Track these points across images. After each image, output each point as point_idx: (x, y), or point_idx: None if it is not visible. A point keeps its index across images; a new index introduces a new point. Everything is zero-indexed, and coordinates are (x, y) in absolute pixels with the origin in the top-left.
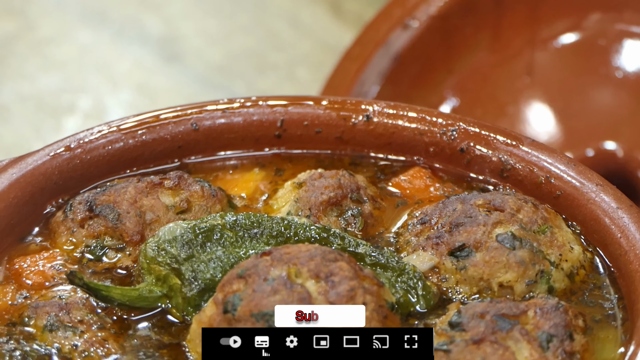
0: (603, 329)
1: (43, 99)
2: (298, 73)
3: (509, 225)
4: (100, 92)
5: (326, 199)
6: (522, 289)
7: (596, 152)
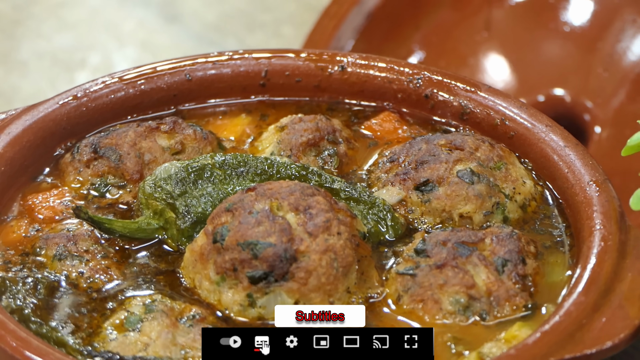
0: (552, 254)
1: (57, 56)
2: (283, 31)
3: (468, 163)
4: (107, 49)
5: (305, 140)
6: (480, 219)
7: (546, 97)
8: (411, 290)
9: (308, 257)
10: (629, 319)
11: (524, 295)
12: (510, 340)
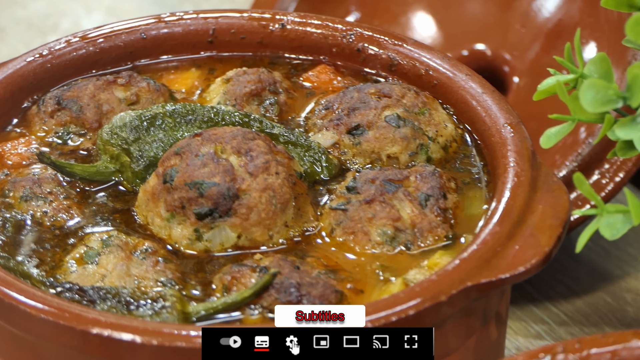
0: (471, 189)
1: (32, 21)
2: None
3: (395, 109)
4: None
5: (248, 91)
6: (406, 159)
7: (470, 52)
8: (343, 224)
9: (249, 195)
10: (539, 247)
11: (445, 227)
12: (432, 267)
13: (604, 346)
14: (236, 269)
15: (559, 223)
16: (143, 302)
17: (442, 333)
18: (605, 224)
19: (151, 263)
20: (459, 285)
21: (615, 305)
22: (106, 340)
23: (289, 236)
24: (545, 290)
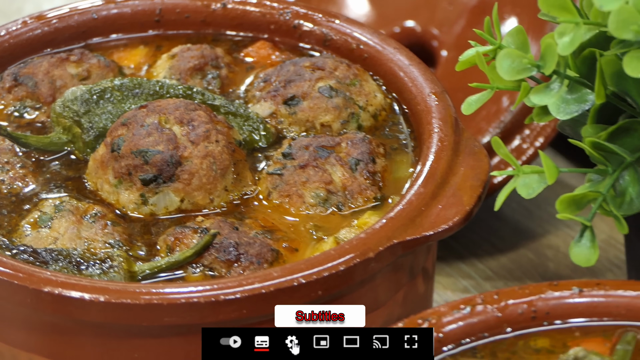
0: (399, 154)
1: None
2: None
3: (328, 80)
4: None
5: (192, 65)
6: (338, 127)
7: (401, 29)
8: (279, 188)
9: (191, 161)
10: (461, 206)
11: (374, 189)
12: (362, 226)
13: (521, 297)
14: (179, 231)
15: (479, 184)
16: (92, 262)
17: (372, 287)
18: (522, 184)
19: (100, 226)
20: (386, 243)
21: (537, 261)
22: (57, 297)
23: (229, 199)
24: (472, 248)
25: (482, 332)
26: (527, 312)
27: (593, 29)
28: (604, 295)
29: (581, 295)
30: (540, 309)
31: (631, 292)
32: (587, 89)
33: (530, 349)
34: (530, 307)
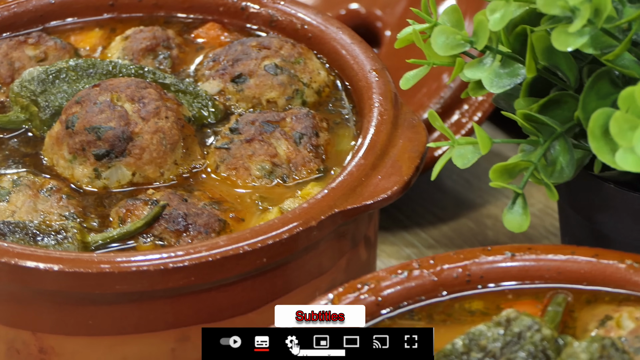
0: (341, 128)
1: None
2: None
3: (274, 59)
4: None
5: (144, 46)
6: (283, 103)
7: (347, 11)
8: (226, 161)
9: (141, 137)
10: (400, 176)
11: (317, 161)
12: (305, 196)
13: (456, 262)
14: (130, 203)
15: (417, 155)
16: (48, 234)
17: (315, 254)
18: (457, 155)
19: (56, 199)
20: (327, 212)
21: (477, 229)
22: (14, 268)
23: (179, 173)
24: (416, 218)
25: (419, 296)
26: (461, 276)
27: (523, 5)
28: (535, 260)
29: (513, 259)
30: (475, 273)
31: (561, 256)
32: (519, 63)
33: (465, 311)
34: (464, 272)
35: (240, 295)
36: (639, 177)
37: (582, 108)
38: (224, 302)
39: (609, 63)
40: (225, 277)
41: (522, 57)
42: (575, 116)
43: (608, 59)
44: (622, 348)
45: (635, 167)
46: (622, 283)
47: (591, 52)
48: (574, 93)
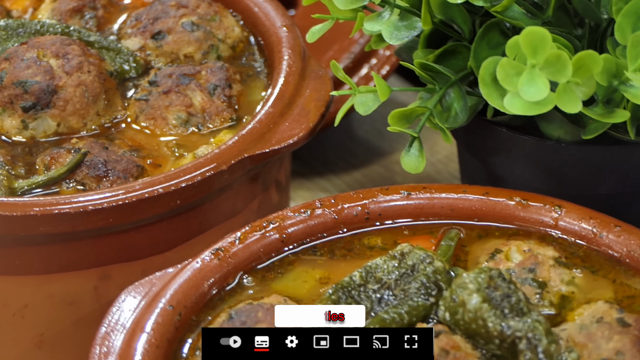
0: (254, 80)
1: None
2: None
3: (191, 17)
4: None
5: (71, 7)
6: (199, 58)
7: None
8: (145, 111)
9: (65, 90)
10: (306, 123)
11: (230, 111)
12: (218, 143)
13: (355, 201)
14: (55, 151)
15: (322, 103)
16: None
17: (228, 197)
18: (359, 102)
19: None
20: (237, 156)
21: (386, 175)
22: None
23: (101, 123)
24: (330, 165)
25: (321, 233)
26: (361, 214)
27: None
28: (429, 198)
29: (409, 198)
30: (373, 211)
31: (453, 195)
32: (416, 17)
33: (364, 246)
34: (363, 210)
35: (158, 235)
36: (530, 121)
37: (474, 57)
38: (143, 242)
39: (499, 15)
40: (142, 218)
41: (419, 10)
42: (468, 65)
43: (497, 11)
44: (509, 279)
45: (522, 111)
46: (510, 219)
47: (482, 5)
48: (467, 44)
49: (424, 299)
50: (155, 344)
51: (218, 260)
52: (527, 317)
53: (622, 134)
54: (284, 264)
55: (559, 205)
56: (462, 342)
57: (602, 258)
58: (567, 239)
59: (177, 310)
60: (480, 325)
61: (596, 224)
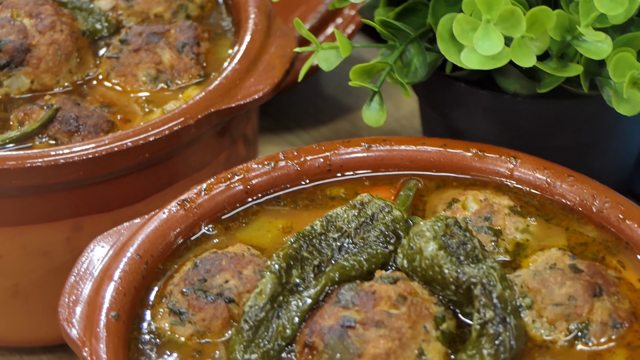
0: (221, 39)
1: None
2: None
3: None
4: None
5: None
6: (169, 17)
7: None
8: (116, 69)
9: (39, 48)
10: (271, 78)
11: (197, 68)
12: (186, 99)
13: (318, 154)
14: (28, 107)
15: (286, 60)
16: None
17: (196, 150)
18: (322, 58)
19: None
20: (204, 111)
21: (352, 130)
22: None
23: (73, 80)
24: (298, 121)
25: (284, 184)
26: (323, 166)
27: None
28: (389, 150)
29: (369, 150)
30: (335, 162)
31: (412, 147)
32: None
33: (326, 196)
34: (325, 161)
35: (128, 187)
36: (487, 76)
37: (432, 14)
38: (113, 194)
39: None
40: (112, 171)
41: None
42: (427, 22)
43: None
44: (465, 227)
45: (478, 65)
46: (467, 169)
47: None
48: (426, 1)
49: (382, 246)
50: (123, 291)
51: (184, 210)
52: (482, 263)
53: (575, 87)
54: (248, 214)
55: (514, 156)
56: (420, 288)
57: (555, 207)
58: (522, 188)
59: (144, 259)
60: (437, 272)
61: (550, 174)
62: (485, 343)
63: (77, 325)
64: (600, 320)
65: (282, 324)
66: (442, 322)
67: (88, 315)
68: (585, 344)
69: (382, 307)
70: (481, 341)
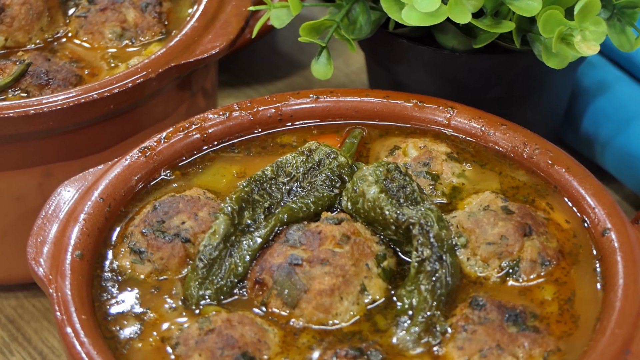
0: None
1: None
2: None
3: None
4: None
5: None
6: None
7: None
8: (84, 27)
9: (12, 8)
10: (227, 35)
11: (160, 26)
12: (148, 54)
13: (269, 104)
14: (2, 63)
15: (242, 18)
16: None
17: (158, 102)
18: (274, 16)
19: None
20: (165, 65)
21: (306, 85)
22: None
23: (44, 38)
24: (256, 76)
25: (239, 133)
26: (274, 116)
27: None
28: (335, 101)
29: (317, 101)
30: (285, 112)
31: (357, 98)
32: None
33: (277, 144)
34: (277, 112)
35: (95, 136)
36: (427, 33)
37: None
38: (81, 143)
39: None
40: (80, 122)
41: None
42: None
43: None
44: (405, 171)
45: (418, 22)
46: (408, 119)
47: None
48: None
49: (328, 190)
50: (87, 232)
51: (145, 157)
52: (420, 205)
53: (508, 43)
54: (205, 161)
55: (452, 107)
56: (362, 229)
57: (489, 153)
58: (458, 136)
59: (107, 202)
60: (378, 213)
61: (484, 123)
62: (423, 279)
63: (44, 264)
64: (530, 258)
65: (235, 262)
66: (383, 260)
67: (54, 254)
68: (516, 280)
69: (327, 246)
70: (419, 277)
